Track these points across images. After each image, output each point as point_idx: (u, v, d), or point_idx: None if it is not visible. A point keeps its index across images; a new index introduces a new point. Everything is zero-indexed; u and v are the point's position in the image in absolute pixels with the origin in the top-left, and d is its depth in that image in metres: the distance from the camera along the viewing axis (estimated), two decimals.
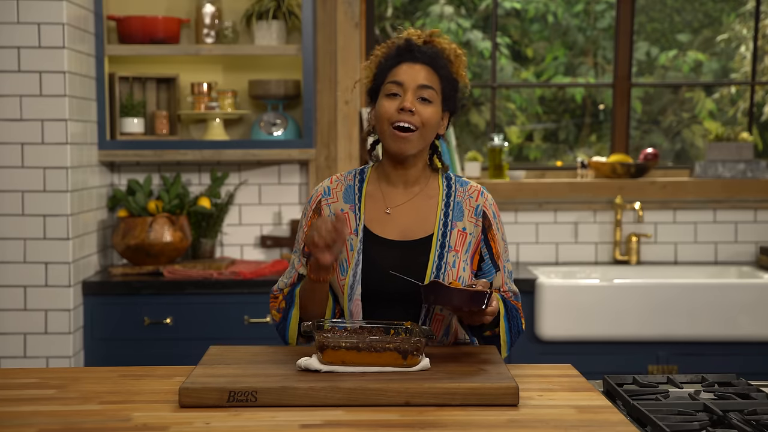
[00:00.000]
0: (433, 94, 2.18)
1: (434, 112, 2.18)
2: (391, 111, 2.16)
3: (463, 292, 1.95)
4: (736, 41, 5.77)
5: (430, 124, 2.17)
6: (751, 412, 1.69)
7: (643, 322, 3.58)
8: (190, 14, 3.99)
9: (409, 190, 2.25)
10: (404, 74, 2.17)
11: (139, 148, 3.83)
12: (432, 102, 2.18)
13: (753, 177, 4.15)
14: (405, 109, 2.14)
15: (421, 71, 2.18)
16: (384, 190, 2.26)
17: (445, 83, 2.21)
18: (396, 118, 2.15)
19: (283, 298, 2.23)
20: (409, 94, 2.16)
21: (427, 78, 2.18)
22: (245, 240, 4.11)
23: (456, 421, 1.68)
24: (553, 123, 6.05)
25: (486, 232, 2.24)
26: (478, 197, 2.27)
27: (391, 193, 2.25)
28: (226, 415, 1.71)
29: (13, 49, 3.40)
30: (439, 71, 2.20)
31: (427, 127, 2.17)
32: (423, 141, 2.19)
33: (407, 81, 2.16)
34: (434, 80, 2.19)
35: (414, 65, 2.18)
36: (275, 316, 2.24)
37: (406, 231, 2.22)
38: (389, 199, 2.25)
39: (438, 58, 2.20)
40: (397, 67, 2.19)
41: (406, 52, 2.20)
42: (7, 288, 3.45)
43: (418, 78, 2.17)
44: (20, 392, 1.89)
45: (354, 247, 2.18)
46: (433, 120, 2.18)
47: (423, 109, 2.16)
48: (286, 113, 3.98)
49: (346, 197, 2.25)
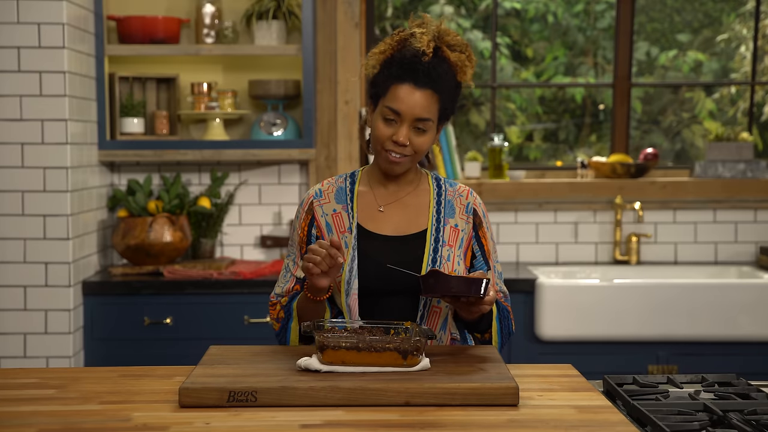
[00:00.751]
0: (429, 124, 2.16)
1: (428, 139, 2.18)
2: (385, 137, 2.16)
3: (462, 279, 1.97)
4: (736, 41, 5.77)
5: (423, 150, 2.19)
6: (751, 412, 1.69)
7: (643, 322, 3.58)
8: (190, 14, 3.99)
9: (400, 189, 2.28)
10: (403, 102, 2.13)
11: (139, 148, 3.83)
12: (427, 131, 2.16)
13: (753, 177, 4.15)
14: (398, 143, 2.15)
15: (420, 100, 2.13)
16: (375, 190, 2.28)
17: (445, 102, 2.17)
18: (389, 147, 2.16)
19: (281, 308, 2.24)
20: (405, 127, 2.14)
21: (425, 108, 2.13)
22: (245, 240, 4.11)
23: (456, 421, 1.68)
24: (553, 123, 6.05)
25: (477, 230, 2.27)
26: (468, 196, 2.29)
27: (382, 192, 2.27)
28: (226, 415, 1.71)
29: (13, 49, 3.40)
30: (441, 94, 2.15)
31: (419, 152, 2.19)
32: (414, 162, 2.22)
33: (405, 111, 2.13)
34: (433, 108, 2.15)
35: (415, 92, 2.12)
36: (274, 326, 2.26)
37: (399, 227, 2.23)
38: (381, 198, 2.27)
39: (442, 79, 2.15)
40: (399, 86, 2.13)
41: (410, 72, 2.13)
42: (7, 288, 3.45)
43: (415, 110, 2.13)
44: (20, 392, 1.88)
45: (349, 245, 2.19)
46: (427, 144, 2.18)
47: (417, 139, 2.16)
48: (286, 113, 3.98)
49: (338, 198, 2.26)
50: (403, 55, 2.15)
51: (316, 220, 2.25)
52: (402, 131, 2.14)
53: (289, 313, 2.21)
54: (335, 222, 2.23)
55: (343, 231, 2.22)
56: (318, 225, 2.24)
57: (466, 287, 1.96)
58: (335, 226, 2.23)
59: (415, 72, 2.13)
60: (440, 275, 1.98)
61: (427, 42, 2.14)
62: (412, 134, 2.15)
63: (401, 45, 2.18)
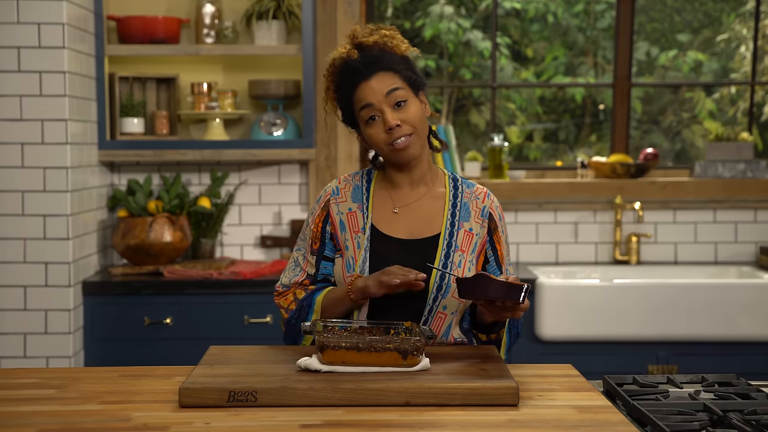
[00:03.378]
0: (402, 92, 2.16)
1: (414, 106, 2.17)
2: (380, 136, 2.17)
3: (502, 285, 1.94)
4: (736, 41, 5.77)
5: (418, 118, 2.17)
6: (751, 412, 1.69)
7: (643, 322, 3.58)
8: (190, 14, 3.99)
9: (415, 190, 2.26)
10: (367, 95, 2.15)
11: (139, 148, 3.83)
12: (406, 100, 2.16)
13: (753, 177, 4.15)
14: (392, 128, 2.15)
15: (377, 84, 2.15)
16: (391, 192, 2.27)
17: (402, 72, 2.18)
18: (389, 139, 2.16)
19: (294, 299, 2.24)
20: (386, 112, 2.14)
21: (387, 84, 2.15)
22: (245, 240, 4.11)
23: (456, 421, 1.68)
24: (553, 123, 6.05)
25: (492, 234, 2.26)
26: (484, 199, 2.28)
27: (398, 194, 2.26)
28: (226, 415, 1.71)
29: (13, 49, 3.40)
30: (390, 68, 2.17)
31: (417, 123, 2.17)
32: (421, 137, 2.20)
33: (373, 99, 2.14)
34: (394, 80, 2.16)
35: (368, 82, 2.15)
36: (283, 314, 2.25)
37: (413, 230, 2.23)
38: (396, 200, 2.26)
39: (379, 59, 2.17)
40: (356, 90, 2.17)
41: (352, 74, 2.17)
42: (7, 288, 3.45)
43: (379, 91, 2.14)
44: (20, 392, 1.88)
45: (361, 245, 2.19)
46: (418, 113, 2.18)
47: (405, 113, 2.16)
48: (286, 113, 3.98)
49: (354, 197, 2.26)
50: (340, 71, 2.20)
51: (330, 218, 2.25)
52: (387, 116, 2.14)
53: (309, 306, 2.21)
54: (349, 221, 2.24)
55: (356, 231, 2.22)
56: (332, 222, 2.25)
57: (506, 293, 1.94)
58: (349, 225, 2.23)
59: (355, 71, 2.16)
60: (482, 278, 1.95)
61: (346, 49, 2.21)
62: (395, 112, 2.15)
63: (334, 69, 2.22)
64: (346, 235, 2.22)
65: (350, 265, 2.19)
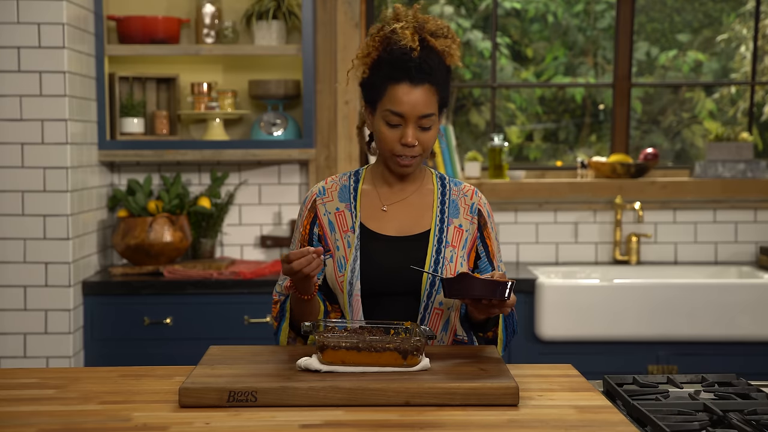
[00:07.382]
0: (433, 119, 2.15)
1: (433, 134, 2.17)
2: (393, 142, 2.15)
3: (487, 283, 1.94)
4: (736, 41, 5.77)
5: (431, 143, 2.17)
6: (751, 412, 1.69)
7: (642, 322, 3.58)
8: (190, 14, 3.99)
9: (404, 188, 2.26)
10: (404, 103, 2.10)
11: (139, 148, 3.83)
12: (431, 127, 2.15)
13: (753, 177, 4.15)
14: (408, 145, 2.13)
15: (420, 97, 2.11)
16: (379, 189, 2.26)
17: (442, 91, 2.16)
18: (399, 151, 2.15)
19: (279, 308, 2.23)
20: (410, 128, 2.12)
21: (426, 104, 2.12)
22: (245, 240, 4.11)
23: (456, 421, 1.68)
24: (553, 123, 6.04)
25: (482, 230, 2.25)
26: (472, 196, 2.28)
27: (386, 192, 2.26)
28: (226, 415, 1.71)
29: (13, 49, 3.40)
30: (437, 86, 2.14)
31: (429, 147, 2.18)
32: (424, 157, 2.21)
33: (407, 112, 2.11)
34: (433, 102, 2.13)
35: (413, 90, 2.10)
36: (273, 324, 2.25)
37: (402, 227, 2.22)
38: (385, 198, 2.25)
39: (435, 70, 2.12)
40: (395, 87, 2.11)
41: (403, 71, 2.10)
42: (7, 288, 3.45)
43: (417, 108, 2.11)
44: (20, 392, 1.88)
45: (351, 244, 2.19)
46: (434, 138, 2.17)
47: (423, 136, 2.15)
48: (286, 113, 3.98)
49: (341, 196, 2.26)
50: (391, 54, 2.12)
51: (318, 219, 2.24)
52: (408, 132, 2.13)
53: (282, 314, 2.21)
54: (338, 221, 2.23)
55: (345, 230, 2.22)
56: (320, 224, 2.23)
57: (491, 290, 1.94)
58: (338, 224, 2.22)
59: (407, 70, 2.10)
60: (466, 278, 1.95)
61: (410, 36, 2.12)
62: (418, 133, 2.14)
63: (385, 43, 2.14)
64: (335, 236, 2.21)
65: (341, 264, 2.18)
